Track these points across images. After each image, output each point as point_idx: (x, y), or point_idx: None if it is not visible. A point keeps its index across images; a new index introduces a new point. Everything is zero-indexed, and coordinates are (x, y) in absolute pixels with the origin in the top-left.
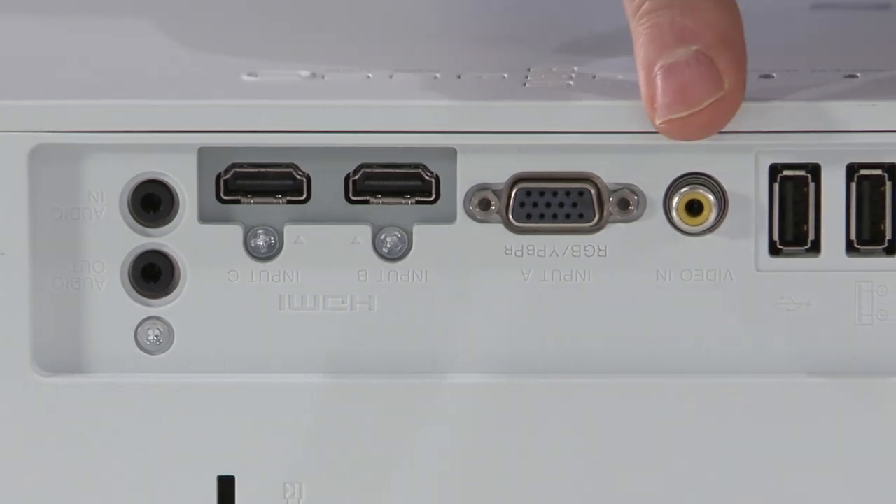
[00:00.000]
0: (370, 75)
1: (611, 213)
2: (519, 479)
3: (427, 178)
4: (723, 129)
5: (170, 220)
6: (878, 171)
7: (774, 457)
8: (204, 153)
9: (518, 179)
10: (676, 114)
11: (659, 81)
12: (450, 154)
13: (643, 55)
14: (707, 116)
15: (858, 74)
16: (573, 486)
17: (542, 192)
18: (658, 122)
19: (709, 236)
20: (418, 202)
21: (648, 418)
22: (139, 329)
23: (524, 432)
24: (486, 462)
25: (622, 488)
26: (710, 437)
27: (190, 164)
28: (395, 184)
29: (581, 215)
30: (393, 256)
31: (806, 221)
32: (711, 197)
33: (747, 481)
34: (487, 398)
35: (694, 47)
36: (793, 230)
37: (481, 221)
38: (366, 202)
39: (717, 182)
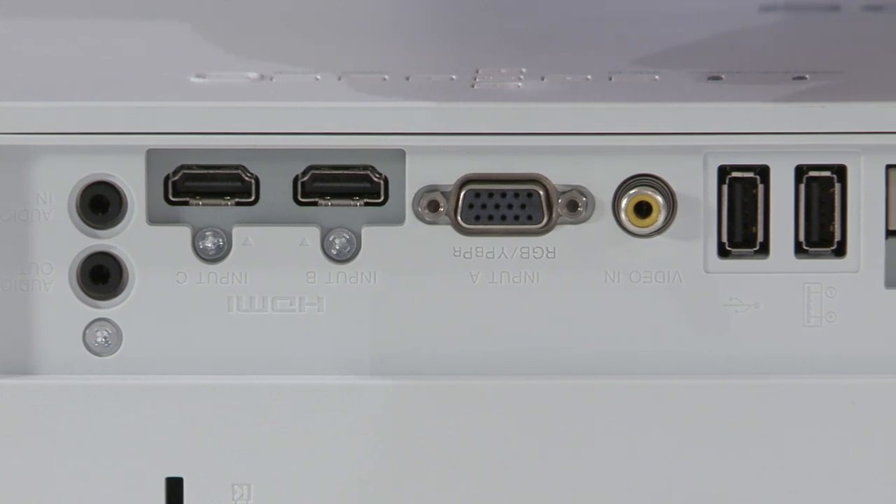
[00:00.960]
0: (318, 77)
1: (559, 215)
2: (465, 481)
3: (376, 179)
4: (671, 131)
5: (118, 222)
6: (827, 173)
7: (723, 458)
8: (152, 155)
9: (467, 181)
10: None
11: None
12: (398, 156)
13: None
14: None
15: (807, 76)
16: (518, 487)
17: (490, 194)
18: None
19: (657, 238)
20: (367, 204)
21: (597, 420)
22: (87, 331)
23: (472, 434)
24: (433, 465)
25: (566, 490)
26: (659, 439)
27: (138, 165)
28: (343, 185)
29: (530, 217)
30: (342, 258)
31: (755, 223)
32: (660, 199)
33: (694, 482)
34: (436, 400)
35: None
36: (741, 232)
37: (430, 223)
38: (314, 204)
39: (665, 184)
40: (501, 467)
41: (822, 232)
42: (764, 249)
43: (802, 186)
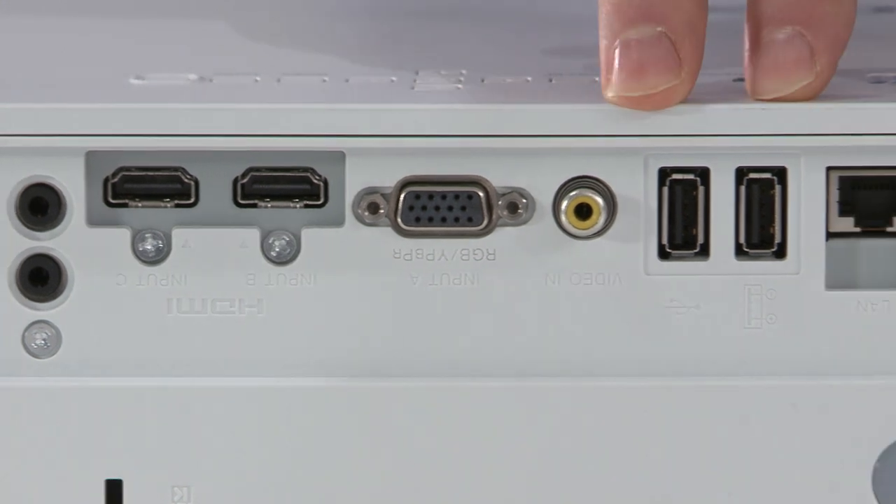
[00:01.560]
0: (258, 79)
1: (500, 217)
2: (404, 483)
3: (315, 181)
4: (612, 133)
5: (57, 224)
6: (768, 175)
7: (663, 460)
8: (92, 157)
9: (407, 183)
10: (629, 92)
11: (617, 54)
12: (338, 158)
13: (606, 24)
14: (659, 99)
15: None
16: (453, 490)
17: (430, 196)
18: (609, 94)
19: (598, 240)
20: (307, 206)
21: (538, 422)
22: (27, 333)
23: (413, 436)
24: (370, 466)
25: (504, 492)
26: (600, 441)
27: (77, 167)
28: (283, 187)
29: (470, 219)
30: (281, 260)
31: (695, 225)
32: (600, 200)
33: (634, 484)
34: (376, 401)
35: (659, 28)
36: (682, 234)
37: (370, 225)
38: (254, 206)
39: (606, 186)
40: (440, 470)
41: (762, 234)
42: (704, 251)
43: (743, 188)
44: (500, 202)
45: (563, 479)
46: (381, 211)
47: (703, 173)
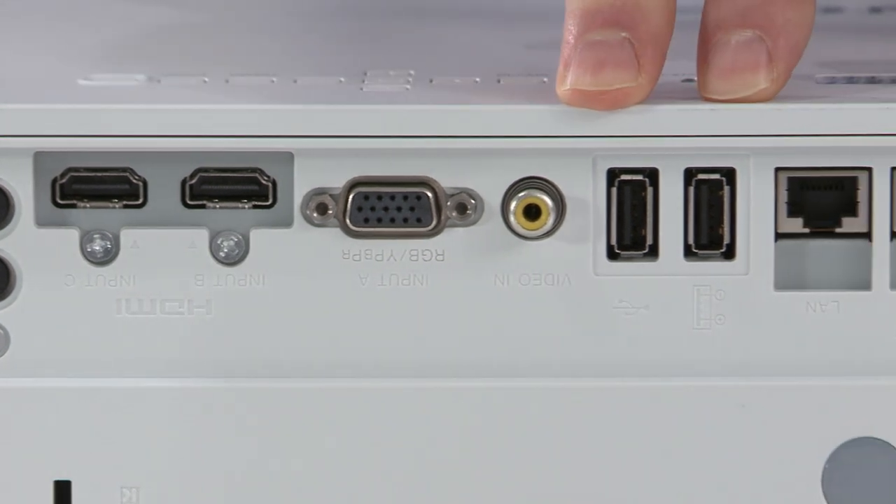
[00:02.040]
0: (206, 79)
1: (448, 218)
2: (349, 484)
3: (264, 182)
4: (560, 134)
5: (5, 225)
6: (716, 176)
7: (613, 461)
8: (40, 157)
9: (355, 184)
10: (584, 86)
11: (579, 51)
12: (287, 158)
13: (572, 25)
14: (611, 98)
15: (694, 79)
16: (398, 489)
17: (379, 197)
18: (563, 88)
19: (547, 240)
20: (255, 206)
21: (486, 422)
22: None
23: (362, 436)
24: (315, 468)
25: (455, 492)
26: (549, 442)
27: (26, 168)
28: (231, 188)
29: (419, 220)
30: (230, 261)
31: (644, 225)
32: (549, 201)
33: (584, 485)
34: (324, 402)
35: (624, 34)
36: (631, 234)
37: (319, 226)
38: (202, 206)
39: (554, 186)
40: (385, 469)
41: (711, 234)
42: (653, 252)
43: (692, 189)
44: (448, 203)
45: (510, 479)
46: (330, 212)
47: (652, 174)
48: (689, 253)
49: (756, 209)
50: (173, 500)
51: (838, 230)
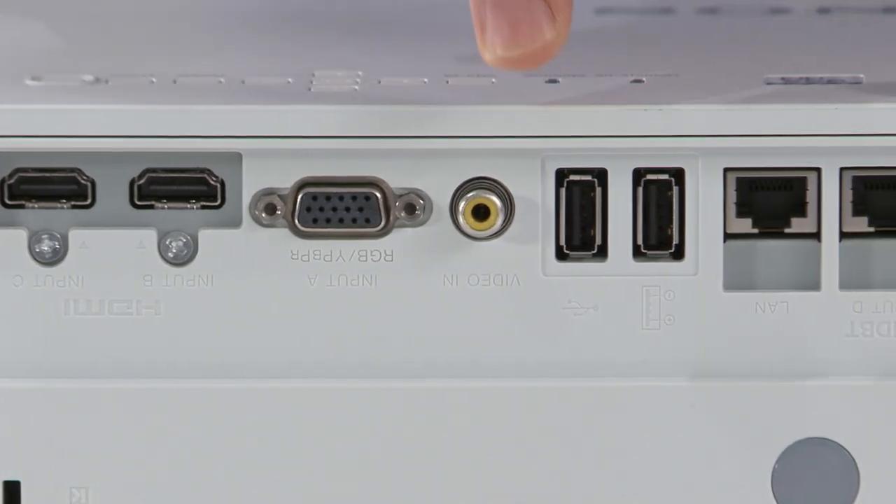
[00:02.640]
0: (154, 80)
1: (397, 218)
2: (293, 486)
3: (212, 182)
4: (509, 134)
5: None
6: (665, 176)
7: (562, 461)
8: None
9: (304, 184)
10: (508, 53)
11: (489, 14)
12: (235, 159)
13: None
14: (538, 55)
15: (644, 79)
16: (349, 489)
17: (328, 197)
18: (488, 57)
19: (496, 241)
20: (204, 207)
21: (435, 423)
22: None
23: (310, 436)
24: (265, 466)
25: (398, 491)
26: (498, 442)
27: None
28: (180, 188)
29: (367, 220)
30: (179, 261)
31: (593, 226)
32: (498, 202)
33: (532, 485)
34: (274, 403)
35: None
36: (580, 235)
37: (267, 226)
38: (151, 207)
39: (503, 187)
40: (330, 470)
41: (660, 235)
42: (602, 252)
43: (640, 189)
44: (397, 203)
45: (458, 479)
46: (279, 212)
47: (601, 174)
48: (637, 253)
49: (705, 210)
50: (122, 500)
51: (787, 231)
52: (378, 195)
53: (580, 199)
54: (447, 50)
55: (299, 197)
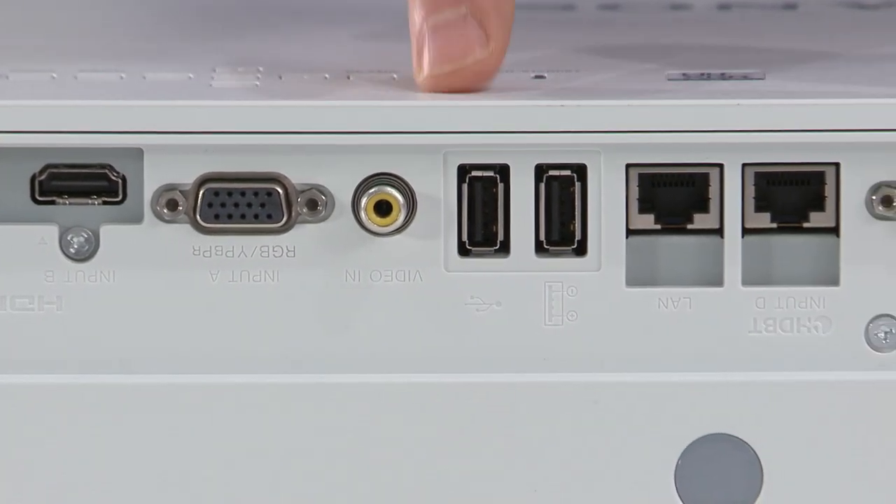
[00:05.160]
0: (55, 75)
1: (299, 214)
2: (199, 478)
3: (114, 178)
4: (411, 130)
5: None
6: (567, 172)
7: (465, 457)
8: None
9: (205, 180)
10: (439, 70)
11: (426, 38)
12: (136, 154)
13: (414, 13)
14: (469, 75)
15: (546, 75)
16: (249, 485)
17: (230, 193)
18: (420, 79)
19: (398, 237)
20: (105, 202)
21: (337, 418)
22: None
23: (210, 433)
24: (171, 462)
25: (299, 487)
26: (399, 437)
27: None
28: (81, 184)
29: (269, 216)
30: (80, 257)
31: (495, 222)
32: (400, 197)
33: (434, 482)
34: (176, 398)
35: (464, 9)
36: (482, 231)
37: (169, 222)
38: (52, 202)
39: (405, 183)
40: (229, 464)
41: (562, 231)
42: (504, 248)
43: (542, 185)
44: (299, 199)
45: (361, 475)
46: (180, 208)
47: (503, 170)
48: (540, 249)
49: (607, 206)
50: (22, 497)
51: (690, 227)
52: (280, 191)
53: (482, 195)
54: (348, 46)
55: (201, 192)
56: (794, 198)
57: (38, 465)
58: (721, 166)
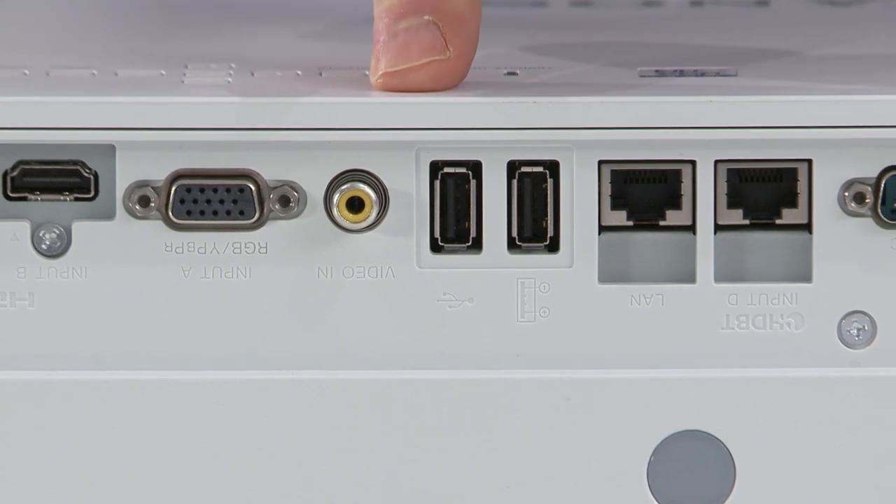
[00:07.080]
0: (27, 72)
1: (272, 211)
2: (173, 475)
3: (86, 175)
4: (383, 127)
5: None
6: (539, 169)
7: (438, 453)
8: None
9: (178, 176)
10: (393, 67)
11: (387, 42)
12: (108, 151)
13: (378, 22)
14: (423, 73)
15: (518, 72)
16: (218, 480)
17: (202, 189)
18: (375, 78)
19: (370, 233)
20: (77, 199)
21: (309, 414)
22: None
23: (186, 429)
24: (143, 459)
25: (272, 481)
26: (373, 433)
27: None
28: (53, 180)
29: (242, 212)
30: (52, 253)
31: (468, 218)
32: (372, 194)
33: (404, 480)
34: (149, 394)
35: (427, 17)
36: (454, 227)
37: (141, 218)
38: (24, 199)
39: (378, 179)
40: (200, 460)
41: (535, 227)
42: (477, 245)
43: (515, 182)
44: (271, 196)
45: (334, 471)
46: (152, 204)
47: (475, 167)
48: (512, 246)
49: (580, 202)
50: (6, 497)
51: (662, 223)
52: (252, 187)
53: (455, 192)
54: (320, 43)
55: (173, 189)
56: (766, 194)
57: (8, 461)
58: (693, 163)
